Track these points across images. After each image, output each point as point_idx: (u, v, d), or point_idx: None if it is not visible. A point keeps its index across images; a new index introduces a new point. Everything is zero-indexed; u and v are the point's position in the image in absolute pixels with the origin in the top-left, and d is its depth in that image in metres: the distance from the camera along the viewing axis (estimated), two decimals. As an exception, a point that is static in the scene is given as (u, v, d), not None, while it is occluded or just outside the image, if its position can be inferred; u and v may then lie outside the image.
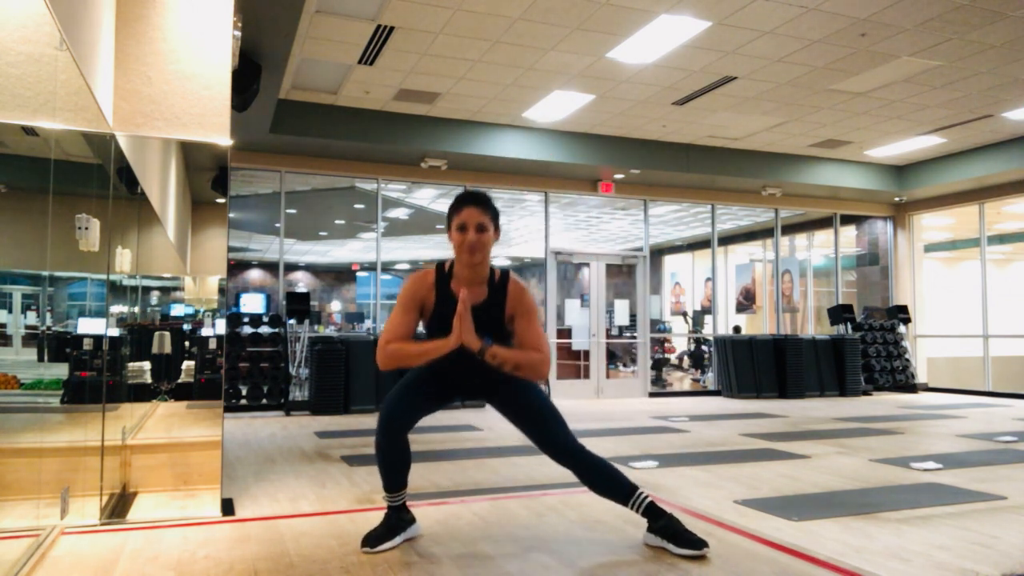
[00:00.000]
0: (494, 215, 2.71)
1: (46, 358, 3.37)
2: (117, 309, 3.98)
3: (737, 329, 12.10)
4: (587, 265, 10.18)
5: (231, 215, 10.76)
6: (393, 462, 2.78)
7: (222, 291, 4.53)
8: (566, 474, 4.35)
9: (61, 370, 3.54)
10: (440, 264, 2.76)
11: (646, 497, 2.74)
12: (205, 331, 5.10)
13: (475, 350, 2.52)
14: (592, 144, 9.07)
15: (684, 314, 13.40)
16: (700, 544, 2.66)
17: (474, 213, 2.64)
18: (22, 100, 2.56)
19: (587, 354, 9.96)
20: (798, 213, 11.69)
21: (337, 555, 2.69)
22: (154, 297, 5.07)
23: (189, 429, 4.18)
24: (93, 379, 3.58)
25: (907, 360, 10.85)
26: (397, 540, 2.79)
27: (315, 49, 6.45)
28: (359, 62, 6.75)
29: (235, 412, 7.53)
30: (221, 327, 4.97)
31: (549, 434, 2.75)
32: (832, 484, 4.10)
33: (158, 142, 3.68)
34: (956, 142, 9.38)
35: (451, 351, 2.54)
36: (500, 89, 7.46)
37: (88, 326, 3.70)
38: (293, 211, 11.75)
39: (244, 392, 7.72)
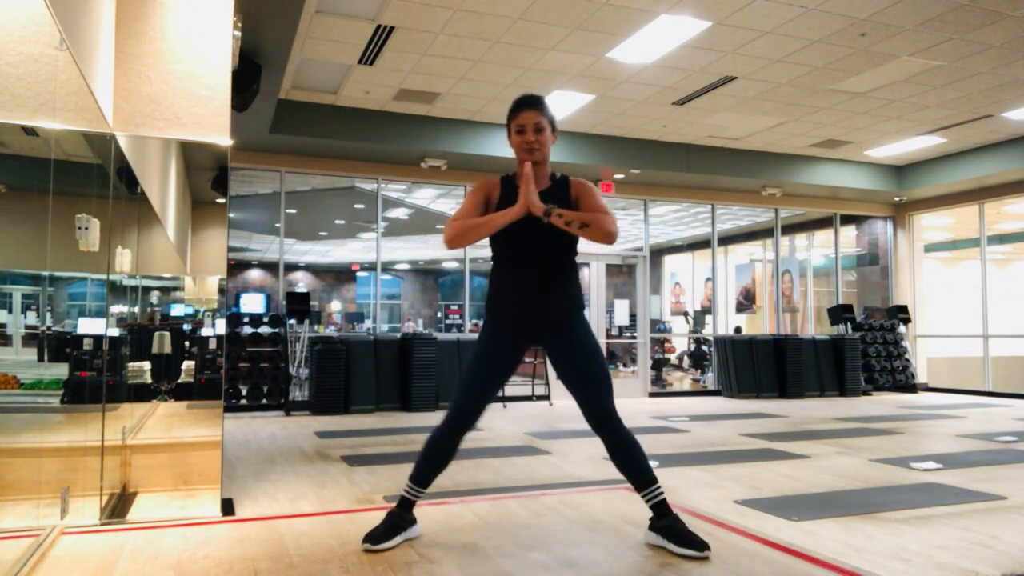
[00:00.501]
0: (550, 117, 2.82)
1: (46, 358, 3.36)
2: (117, 309, 3.98)
3: (738, 330, 12.10)
4: (587, 265, 10.18)
5: (231, 215, 10.76)
6: (440, 457, 2.82)
7: (222, 291, 4.53)
8: (565, 474, 4.37)
9: (61, 370, 3.54)
10: (504, 175, 2.92)
11: (661, 493, 2.76)
12: (205, 331, 5.10)
13: (541, 213, 2.62)
14: (592, 144, 9.07)
15: (685, 314, 13.41)
16: (702, 546, 2.65)
17: (531, 115, 2.78)
18: (22, 100, 2.56)
19: (587, 354, 9.94)
20: (798, 213, 11.70)
21: (337, 555, 2.69)
22: (154, 297, 5.06)
23: (189, 429, 4.18)
24: (93, 379, 3.58)
25: (907, 360, 10.86)
26: (397, 540, 2.79)
27: (315, 49, 6.45)
28: (359, 62, 6.75)
29: (235, 412, 7.53)
30: (221, 327, 4.97)
31: (593, 395, 2.76)
32: (832, 484, 4.10)
33: (158, 142, 3.68)
34: (956, 142, 9.38)
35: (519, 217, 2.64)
36: (500, 89, 7.46)
37: (88, 326, 3.70)
38: (293, 211, 11.75)
39: (244, 392, 7.72)
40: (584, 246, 2.84)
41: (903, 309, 11.00)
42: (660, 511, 2.76)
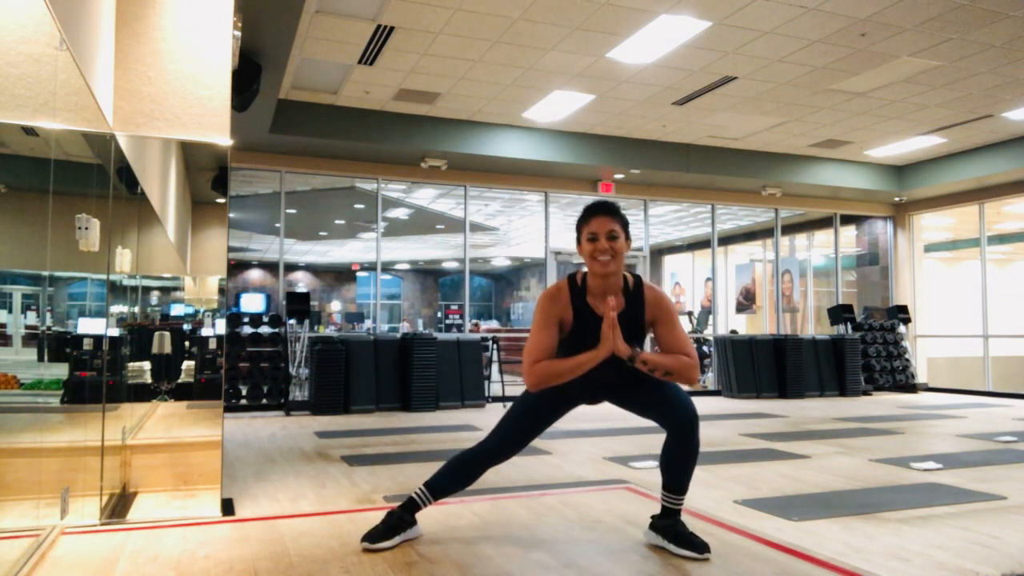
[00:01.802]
0: (623, 223, 2.68)
1: (46, 358, 3.36)
2: (117, 309, 3.98)
3: (734, 332, 12.09)
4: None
5: (231, 215, 10.76)
6: (462, 478, 2.82)
7: (222, 291, 4.52)
8: (565, 474, 4.37)
9: (61, 370, 3.54)
10: (571, 277, 2.73)
11: (681, 504, 2.77)
12: (205, 331, 5.10)
13: (625, 358, 2.52)
14: (592, 144, 9.07)
15: (689, 314, 13.41)
16: (702, 547, 2.65)
17: (604, 222, 2.62)
18: (22, 100, 2.56)
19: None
20: (798, 213, 11.69)
21: (337, 555, 2.69)
22: (154, 297, 5.06)
23: (189, 429, 4.18)
24: (93, 379, 3.58)
25: (907, 360, 10.85)
26: (396, 540, 2.79)
27: (315, 49, 6.45)
28: (359, 62, 6.75)
29: (235, 412, 7.53)
30: (221, 327, 4.96)
31: (678, 412, 2.65)
32: (832, 484, 4.10)
33: (158, 142, 3.68)
34: (956, 142, 9.38)
35: (601, 361, 2.54)
36: (500, 89, 7.46)
37: (88, 326, 3.70)
38: (293, 211, 11.75)
39: (244, 392, 7.71)
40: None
41: (903, 309, 11.00)
42: (667, 513, 2.76)
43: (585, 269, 2.72)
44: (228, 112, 3.56)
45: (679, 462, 2.71)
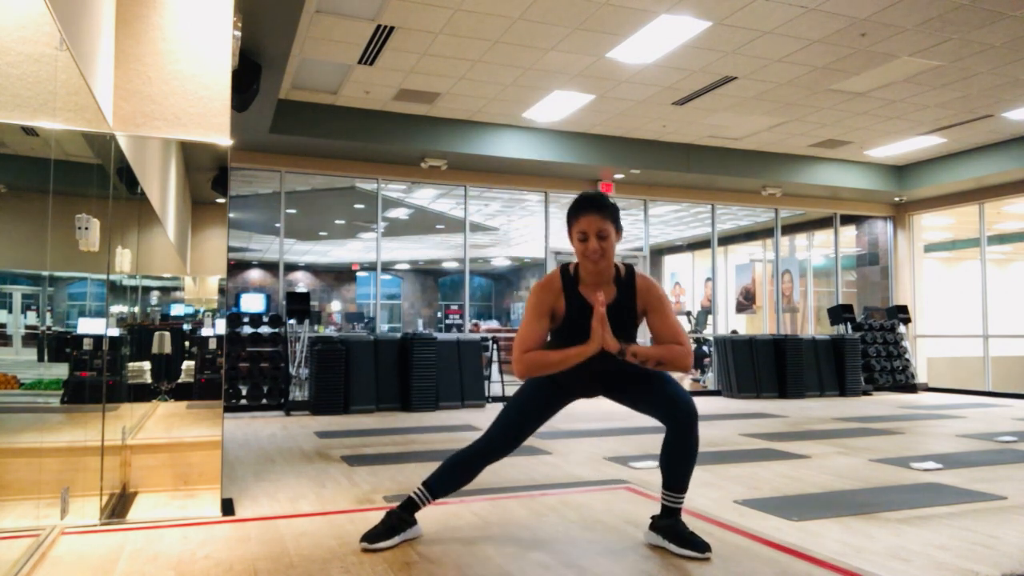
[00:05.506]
0: (614, 217, 2.65)
1: (46, 358, 3.37)
2: (117, 309, 3.98)
3: (734, 333, 12.09)
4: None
5: (231, 215, 10.77)
6: (461, 475, 2.81)
7: (222, 291, 4.52)
8: (565, 474, 4.37)
9: (61, 370, 3.54)
10: (564, 267, 2.72)
11: (681, 503, 2.76)
12: (205, 331, 5.10)
13: (615, 352, 2.52)
14: (592, 144, 9.07)
15: (688, 313, 13.41)
16: (703, 547, 2.65)
17: (594, 220, 2.59)
18: (22, 100, 2.56)
19: (587, 354, 9.92)
20: (798, 213, 11.69)
21: (337, 555, 2.69)
22: (154, 297, 5.06)
23: (189, 429, 4.18)
24: (93, 379, 3.58)
25: (907, 360, 10.85)
26: (396, 540, 2.79)
27: (315, 49, 6.45)
28: (359, 62, 6.75)
29: (235, 412, 7.53)
30: (221, 327, 4.97)
31: (677, 405, 2.66)
32: (832, 484, 4.10)
33: (158, 142, 3.68)
34: (956, 142, 9.38)
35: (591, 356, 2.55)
36: (500, 89, 7.46)
37: (88, 326, 3.70)
38: (293, 211, 11.76)
39: (244, 392, 7.71)
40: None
41: (903, 309, 11.00)
42: (667, 512, 2.76)
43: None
44: (228, 112, 3.56)
45: (678, 459, 2.70)
